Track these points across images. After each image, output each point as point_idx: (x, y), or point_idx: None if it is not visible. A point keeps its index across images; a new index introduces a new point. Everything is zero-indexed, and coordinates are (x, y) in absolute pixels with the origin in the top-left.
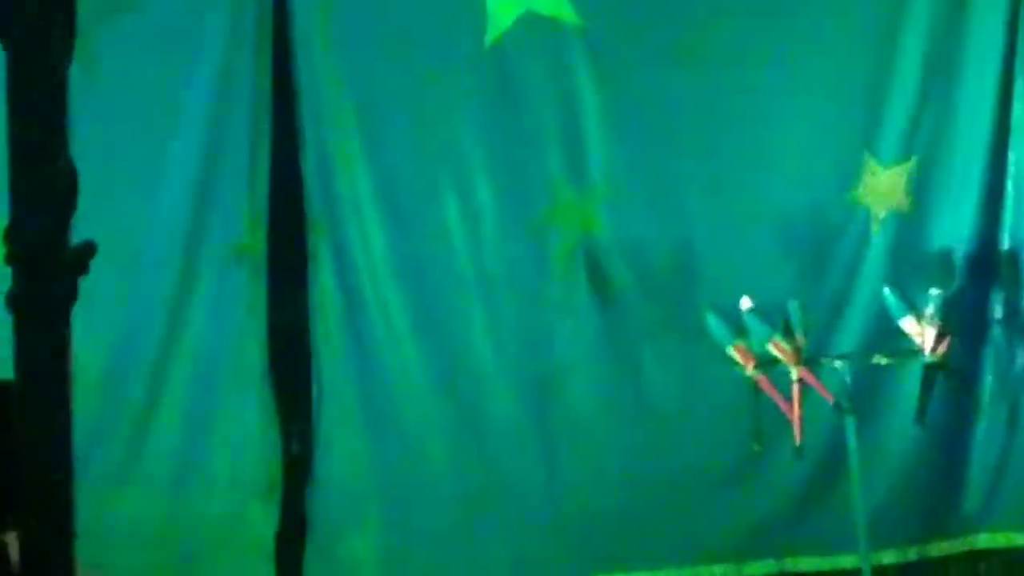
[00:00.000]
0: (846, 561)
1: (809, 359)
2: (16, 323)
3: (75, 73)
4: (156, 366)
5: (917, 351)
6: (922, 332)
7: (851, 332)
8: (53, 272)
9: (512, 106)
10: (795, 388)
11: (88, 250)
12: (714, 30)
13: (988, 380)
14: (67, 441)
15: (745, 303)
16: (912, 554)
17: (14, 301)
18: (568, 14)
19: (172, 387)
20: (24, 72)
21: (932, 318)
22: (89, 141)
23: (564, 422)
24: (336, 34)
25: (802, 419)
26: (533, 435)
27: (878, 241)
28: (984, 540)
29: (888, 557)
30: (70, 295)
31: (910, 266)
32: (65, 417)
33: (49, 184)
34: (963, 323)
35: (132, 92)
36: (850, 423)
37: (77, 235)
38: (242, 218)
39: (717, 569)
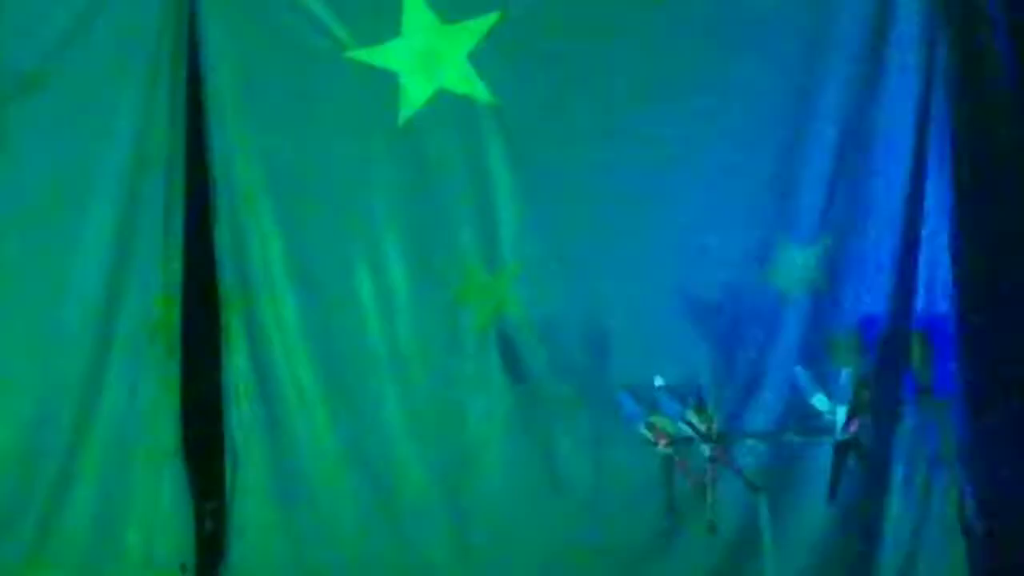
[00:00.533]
0: None
1: (722, 437)
2: None
3: None
4: (70, 445)
5: (829, 430)
6: (834, 411)
7: (764, 410)
8: None
9: (425, 183)
10: (708, 466)
11: None
12: (628, 110)
13: (899, 460)
14: None
15: (659, 381)
16: None
17: None
18: (481, 92)
19: (85, 466)
20: None
21: (844, 397)
22: (2, 219)
23: (476, 499)
24: (251, 109)
25: (715, 497)
26: (445, 512)
27: (791, 320)
28: None
29: None
30: None
31: (822, 345)
32: None
33: None
34: (875, 402)
35: (45, 169)
36: (763, 501)
37: None
38: (155, 294)
39: None
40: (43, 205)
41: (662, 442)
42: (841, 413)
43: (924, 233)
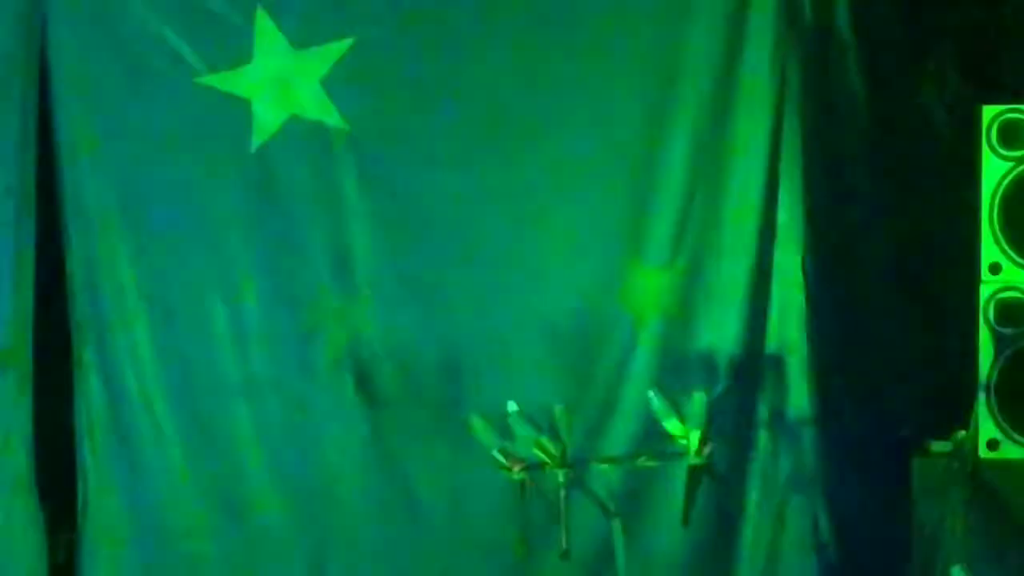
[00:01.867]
0: None
1: (575, 462)
2: None
3: None
4: None
5: (682, 454)
6: (687, 435)
7: (618, 435)
8: None
9: (278, 210)
10: (561, 492)
11: None
12: (477, 135)
13: (753, 484)
14: None
15: (511, 406)
16: None
17: None
18: (334, 118)
19: None
20: None
21: (697, 421)
22: None
23: (332, 526)
24: (102, 136)
25: (568, 522)
26: (303, 540)
27: (644, 344)
28: None
29: None
30: None
31: (676, 369)
32: None
33: None
34: (728, 426)
35: None
36: (617, 526)
37: None
38: (6, 324)
39: None
40: None
41: (516, 468)
42: (694, 437)
43: (777, 256)
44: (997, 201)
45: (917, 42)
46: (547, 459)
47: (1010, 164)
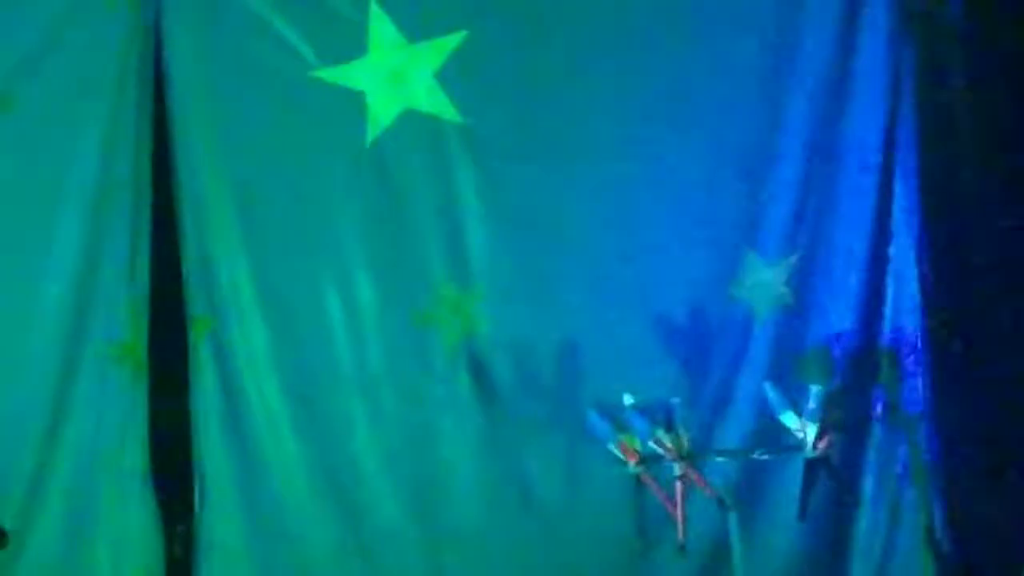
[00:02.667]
0: None
1: (691, 455)
2: None
3: None
4: (37, 467)
5: (798, 447)
6: (803, 428)
7: (733, 428)
8: None
9: (393, 203)
10: (678, 484)
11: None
12: (594, 126)
13: (869, 477)
14: None
15: (628, 400)
16: None
17: None
18: (448, 112)
19: (53, 488)
20: None
21: (813, 414)
22: None
23: (448, 521)
24: (217, 130)
25: (685, 515)
26: (416, 533)
27: (760, 337)
28: None
29: None
30: None
31: (791, 362)
32: None
33: None
34: (844, 419)
35: (11, 191)
36: (733, 519)
37: None
38: (123, 316)
39: None
40: (10, 227)
41: (632, 461)
42: (811, 430)
43: (891, 248)
44: None
45: None
46: (663, 452)
47: None
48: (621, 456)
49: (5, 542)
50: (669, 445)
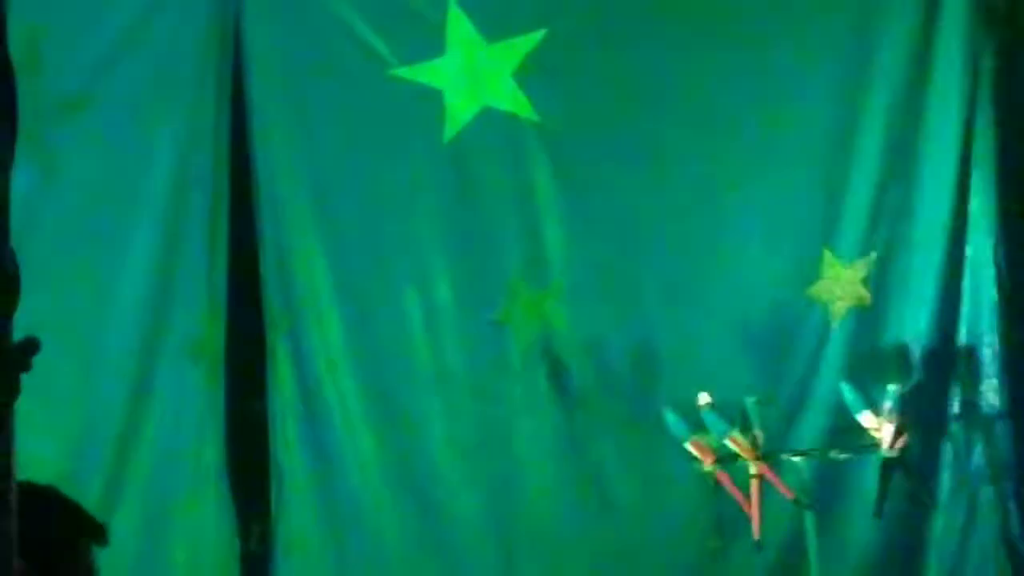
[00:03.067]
0: None
1: (767, 454)
2: None
3: (34, 173)
4: (114, 464)
5: (875, 446)
6: (880, 427)
7: (809, 427)
8: None
9: (470, 202)
10: (754, 483)
11: (30, 347)
12: (672, 127)
13: (945, 476)
14: (9, 547)
15: (703, 399)
16: None
17: None
18: (526, 111)
19: (130, 486)
20: None
21: (890, 413)
22: (49, 238)
23: (524, 520)
24: (295, 129)
25: (761, 514)
26: (493, 533)
27: (836, 337)
28: None
29: None
30: (13, 392)
31: (868, 361)
32: (9, 522)
33: None
34: (921, 418)
35: (90, 189)
36: (809, 518)
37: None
38: (200, 315)
39: None
40: (90, 224)
41: (708, 460)
42: (887, 429)
43: (969, 247)
44: None
45: None
46: (739, 451)
47: None
48: (697, 455)
49: (104, 537)
50: (745, 444)
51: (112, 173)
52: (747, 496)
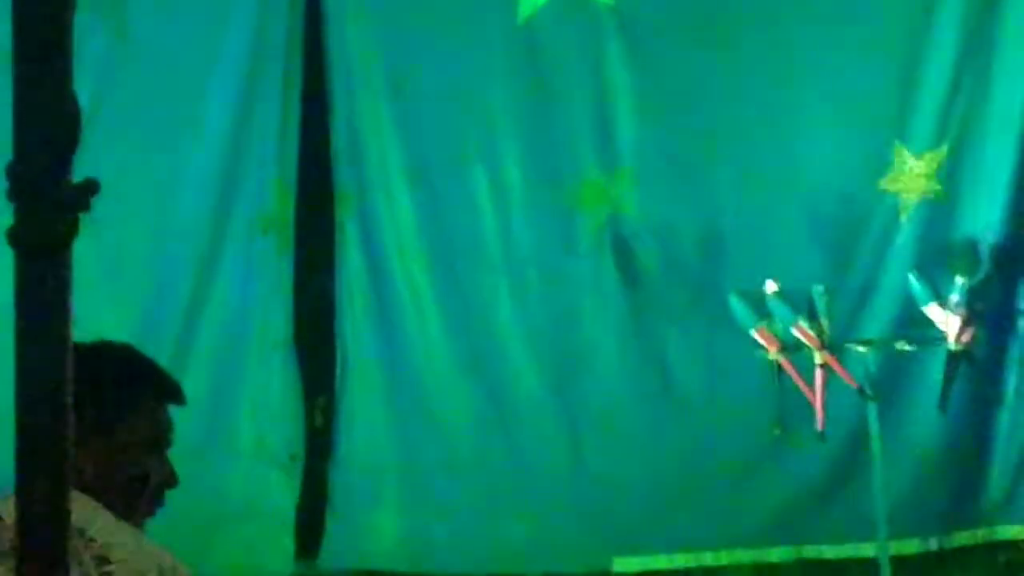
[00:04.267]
0: (866, 550)
1: (833, 344)
2: (18, 259)
3: (108, 36)
4: (182, 334)
5: (942, 339)
6: (947, 320)
7: (876, 318)
8: (55, 208)
9: (543, 83)
10: (818, 373)
11: (90, 187)
12: (747, 14)
13: (1012, 372)
14: (65, 383)
15: (770, 287)
16: (933, 544)
17: (15, 236)
18: None
19: (197, 355)
20: (27, 12)
21: (958, 306)
22: (121, 103)
23: (588, 402)
24: (370, 6)
25: (824, 405)
26: (557, 414)
27: (906, 228)
28: (1006, 532)
29: (909, 547)
30: (72, 231)
31: (938, 254)
32: (64, 358)
33: (52, 123)
34: (989, 312)
35: (163, 58)
36: (873, 409)
37: (111, 202)
38: (271, 188)
39: (736, 555)
40: (163, 91)
41: (772, 348)
42: (954, 323)
43: None
44: None
45: None
46: (804, 340)
47: None
48: (762, 343)
49: (180, 396)
50: (811, 333)
51: (186, 39)
52: (811, 386)
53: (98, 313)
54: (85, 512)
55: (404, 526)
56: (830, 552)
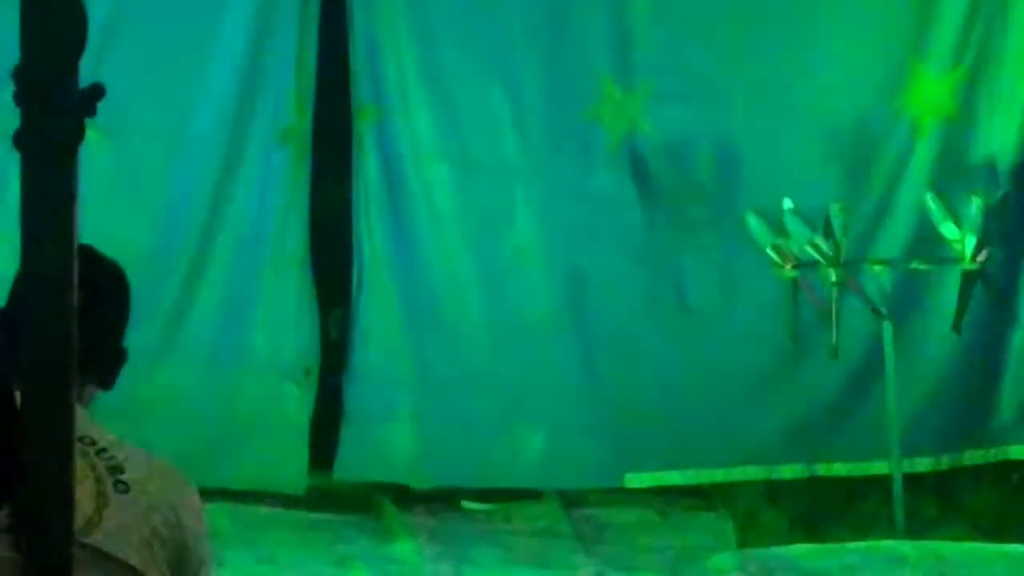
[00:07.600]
0: (878, 468)
1: (848, 262)
2: (24, 162)
3: None
4: (199, 245)
5: (956, 259)
6: (962, 240)
7: (892, 237)
8: (61, 112)
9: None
10: (833, 290)
11: (96, 92)
12: None
13: None
14: (70, 285)
15: (787, 204)
16: (945, 462)
17: (22, 140)
18: None
19: (213, 266)
20: None
21: (973, 226)
22: (141, 20)
23: (601, 315)
24: None
25: (839, 322)
26: (571, 329)
27: (923, 148)
28: (1017, 451)
29: (921, 465)
30: (78, 135)
31: (954, 174)
32: (69, 263)
33: (58, 27)
34: (1004, 232)
35: None
36: (887, 328)
37: (130, 114)
38: (289, 101)
39: (749, 471)
40: (182, 4)
41: (788, 265)
42: (970, 242)
43: None
44: None
45: None
46: (820, 258)
47: None
48: (778, 260)
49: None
50: (826, 251)
51: None
52: (826, 303)
53: (115, 226)
54: (95, 426)
55: (418, 439)
56: (842, 469)
